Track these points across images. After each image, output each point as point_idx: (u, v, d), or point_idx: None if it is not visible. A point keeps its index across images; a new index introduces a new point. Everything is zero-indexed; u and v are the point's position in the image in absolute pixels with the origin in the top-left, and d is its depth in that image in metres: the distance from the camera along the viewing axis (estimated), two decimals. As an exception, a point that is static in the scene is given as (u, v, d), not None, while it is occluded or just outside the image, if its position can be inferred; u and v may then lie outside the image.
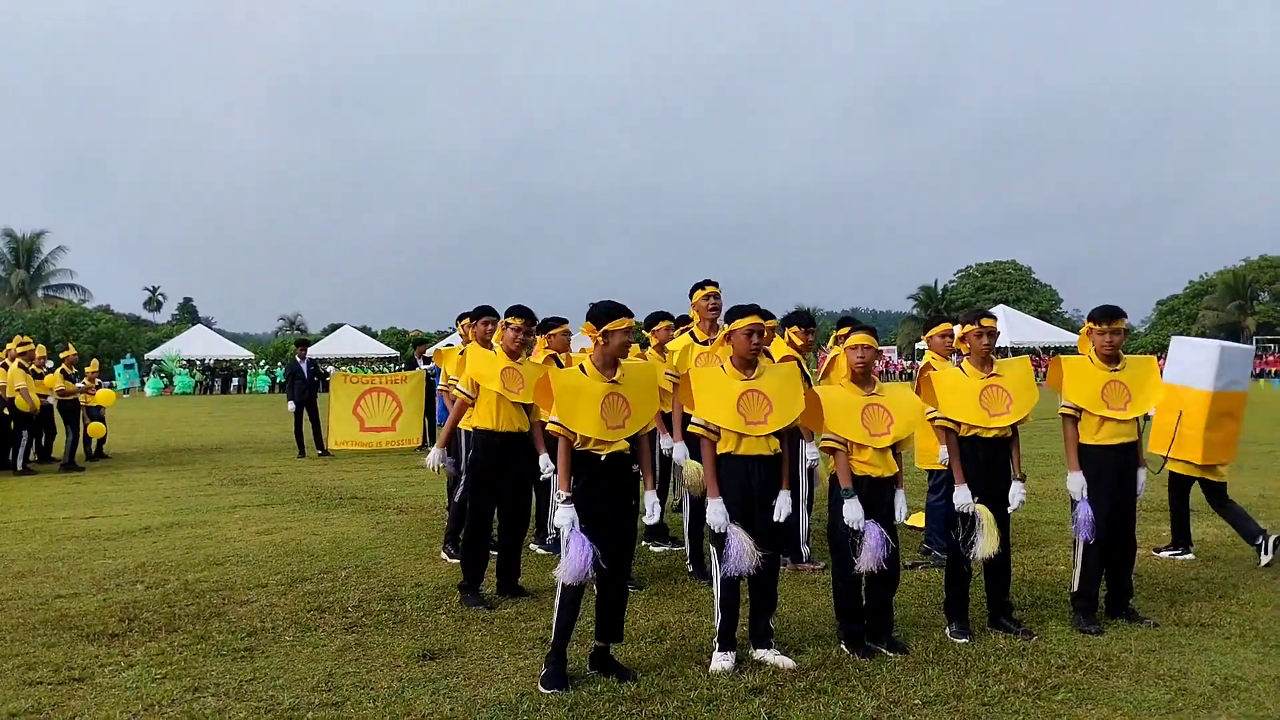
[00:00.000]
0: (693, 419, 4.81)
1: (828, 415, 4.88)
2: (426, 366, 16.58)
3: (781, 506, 4.74)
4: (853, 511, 4.75)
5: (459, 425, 6.36)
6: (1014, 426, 5.22)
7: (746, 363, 4.84)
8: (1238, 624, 5.22)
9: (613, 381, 4.63)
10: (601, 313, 4.64)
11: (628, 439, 4.62)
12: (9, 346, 13.69)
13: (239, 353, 54.78)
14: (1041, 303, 73.02)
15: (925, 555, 6.92)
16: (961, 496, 5.06)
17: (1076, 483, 5.27)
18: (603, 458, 4.58)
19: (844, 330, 7.30)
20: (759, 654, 4.77)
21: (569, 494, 4.47)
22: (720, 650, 4.69)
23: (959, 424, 5.16)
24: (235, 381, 50.79)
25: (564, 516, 4.43)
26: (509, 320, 6.06)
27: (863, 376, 4.99)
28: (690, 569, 6.53)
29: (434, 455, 6.16)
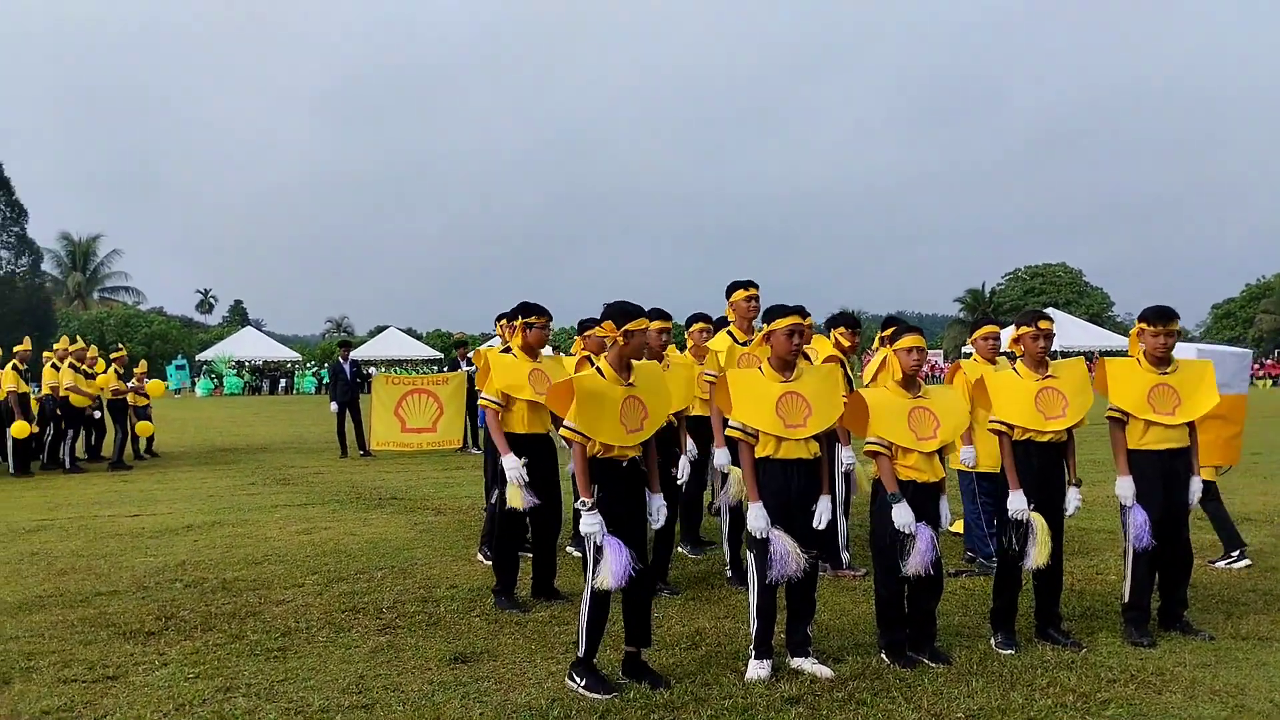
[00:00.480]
0: (730, 422, 4.70)
1: (873, 418, 4.75)
2: (469, 368, 16.64)
3: (822, 512, 4.62)
4: (903, 515, 4.62)
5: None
6: (1069, 431, 5.05)
7: (785, 364, 4.73)
8: (1299, 638, 5.00)
9: (629, 384, 4.56)
10: (621, 311, 4.55)
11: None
12: (56, 347, 13.94)
13: (287, 354, 55.59)
14: (1092, 306, 71.69)
15: (969, 563, 6.74)
16: (1017, 503, 4.90)
17: (1126, 488, 5.09)
18: (624, 464, 4.50)
19: (889, 331, 7.16)
20: (796, 662, 4.65)
21: (593, 501, 4.38)
22: (757, 658, 4.58)
23: (1013, 427, 5.00)
24: (283, 383, 51.52)
25: (591, 524, 4.35)
26: (530, 320, 6.01)
27: (910, 379, 4.87)
28: (729, 575, 6.41)
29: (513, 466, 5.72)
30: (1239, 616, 5.43)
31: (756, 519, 4.53)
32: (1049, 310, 40.23)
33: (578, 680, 4.38)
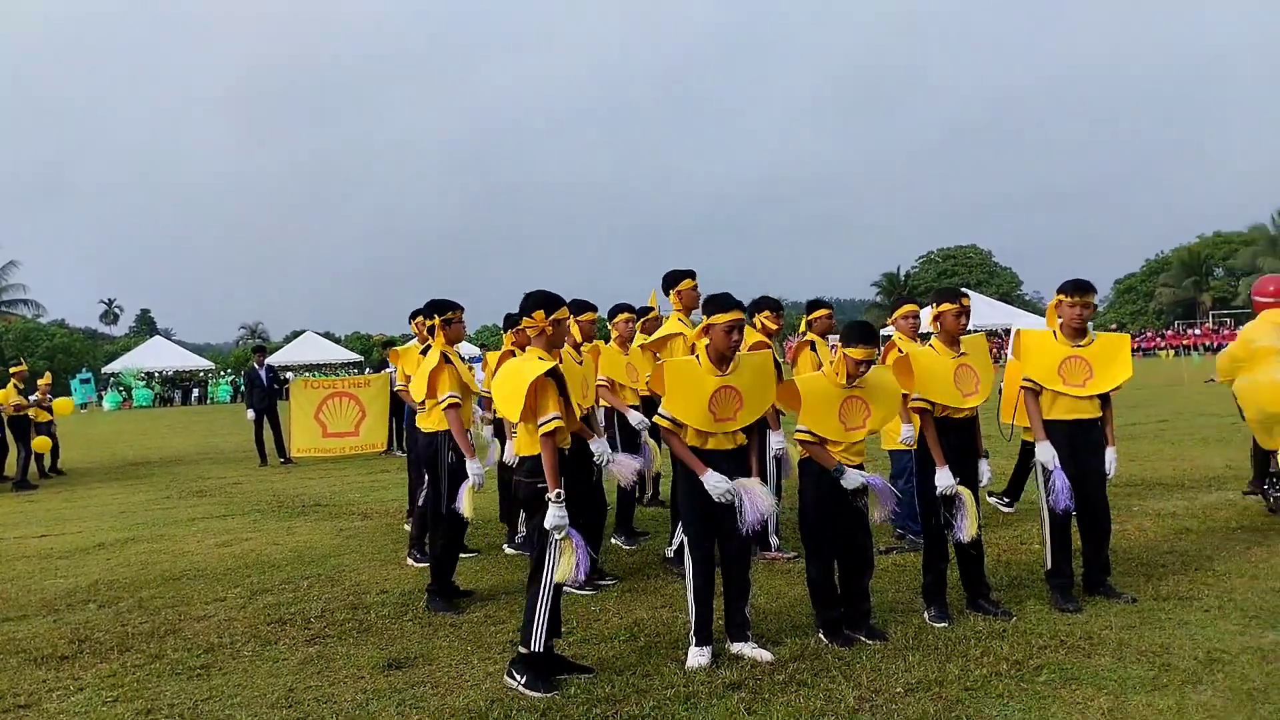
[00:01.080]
0: (660, 410, 4.66)
1: (805, 409, 4.77)
2: (391, 370, 16.32)
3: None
4: (853, 479, 4.68)
5: (421, 426, 6.18)
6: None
7: (723, 358, 4.69)
8: (1215, 596, 5.17)
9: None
10: (549, 300, 4.57)
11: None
12: None
13: (199, 363, 53.90)
14: (1002, 285, 73.74)
15: (899, 540, 6.83)
16: (944, 479, 4.95)
17: (1046, 452, 5.18)
18: (566, 453, 4.47)
19: (818, 314, 7.23)
20: (736, 647, 4.64)
21: (560, 493, 4.28)
22: (697, 645, 4.56)
23: (934, 405, 5.06)
24: (196, 393, 49.97)
25: (561, 517, 4.25)
26: (448, 316, 5.95)
27: (851, 378, 4.84)
28: (670, 556, 6.36)
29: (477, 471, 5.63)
30: (1158, 579, 5.59)
31: (716, 483, 4.49)
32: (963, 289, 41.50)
33: (517, 678, 4.29)
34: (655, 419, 4.70)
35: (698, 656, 4.51)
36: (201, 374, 52.64)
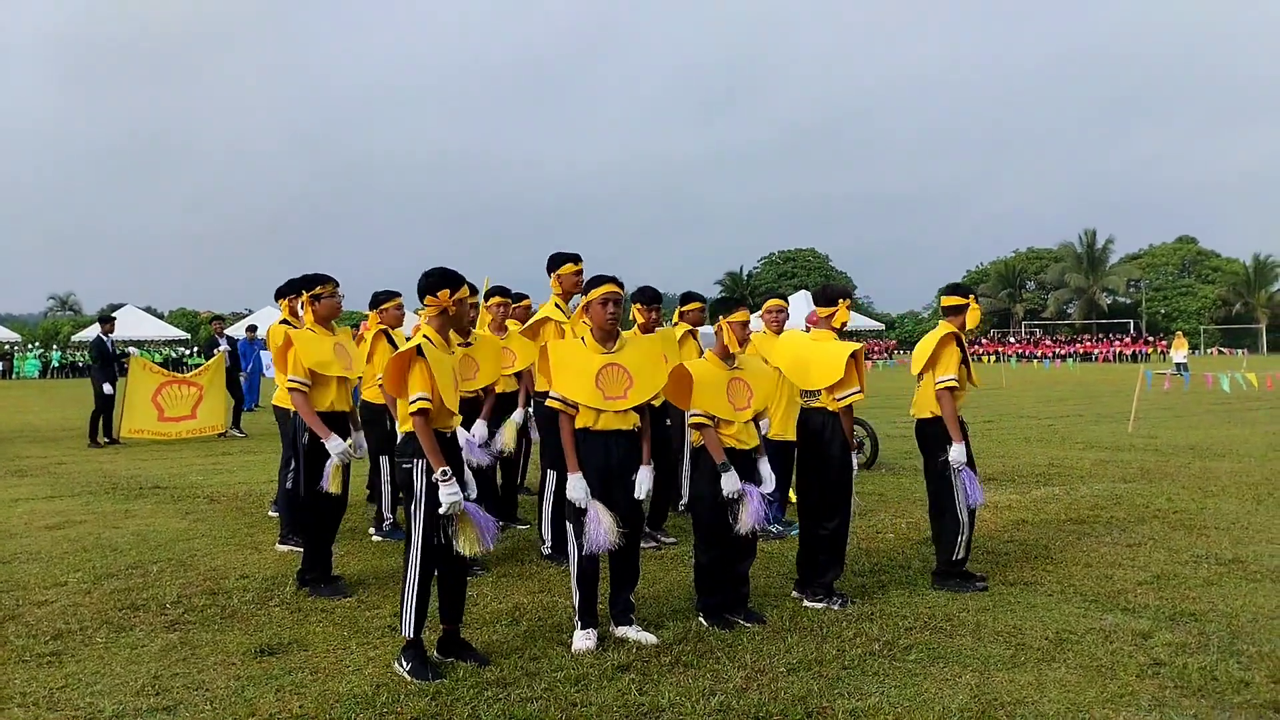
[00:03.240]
0: (550, 393, 4.66)
1: (696, 391, 4.85)
2: (227, 348, 15.58)
3: (642, 482, 4.67)
4: (731, 482, 4.75)
5: (283, 405, 5.95)
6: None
7: (606, 334, 4.74)
8: (1056, 582, 5.60)
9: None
10: (455, 277, 4.47)
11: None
12: None
13: (3, 334, 49.80)
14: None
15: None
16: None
17: (959, 453, 5.40)
18: (449, 436, 4.39)
19: (691, 307, 7.36)
20: (621, 631, 4.70)
21: (447, 470, 4.19)
22: (582, 628, 4.59)
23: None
24: (0, 366, 46.16)
25: (453, 494, 4.17)
26: (317, 292, 5.80)
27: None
28: (546, 549, 6.33)
29: (339, 449, 5.50)
30: (1005, 566, 6.00)
31: (575, 489, 4.54)
32: (799, 293, 42.98)
33: (404, 665, 4.21)
34: (547, 402, 4.68)
35: (584, 639, 4.53)
36: (7, 346, 48.66)
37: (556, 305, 6.36)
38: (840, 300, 5.50)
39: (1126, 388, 24.44)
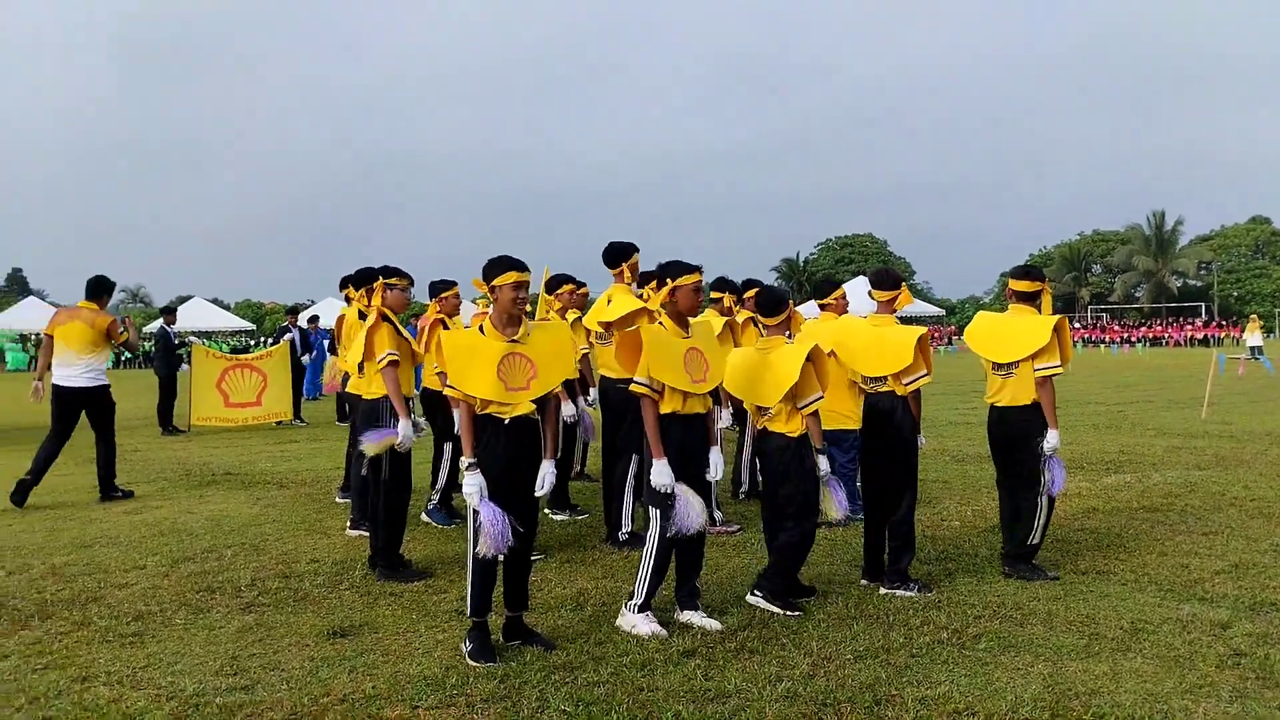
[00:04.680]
0: (636, 378, 4.58)
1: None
2: (292, 336, 15.88)
3: (716, 464, 4.69)
4: (662, 475, 4.48)
5: (360, 392, 6.04)
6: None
7: (683, 321, 4.73)
8: (1130, 570, 5.47)
9: (513, 341, 4.41)
10: (490, 265, 4.44)
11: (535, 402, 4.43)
12: None
13: (78, 326, 51.29)
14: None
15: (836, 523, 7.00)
16: (662, 475, 4.50)
17: (1055, 439, 5.29)
18: (506, 421, 4.38)
19: (753, 293, 7.36)
20: (685, 616, 4.70)
21: (474, 460, 4.26)
22: (642, 611, 4.58)
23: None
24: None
25: (471, 485, 4.22)
26: (390, 281, 5.95)
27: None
28: (624, 535, 6.35)
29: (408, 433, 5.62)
30: (1076, 555, 5.88)
31: (662, 475, 4.49)
32: (856, 278, 42.46)
33: (466, 647, 4.28)
34: (633, 387, 4.59)
35: (650, 624, 4.54)
36: (80, 337, 50.12)
37: (630, 291, 6.36)
38: (902, 283, 5.45)
39: (1198, 373, 23.80)
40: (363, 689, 3.91)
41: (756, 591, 4.97)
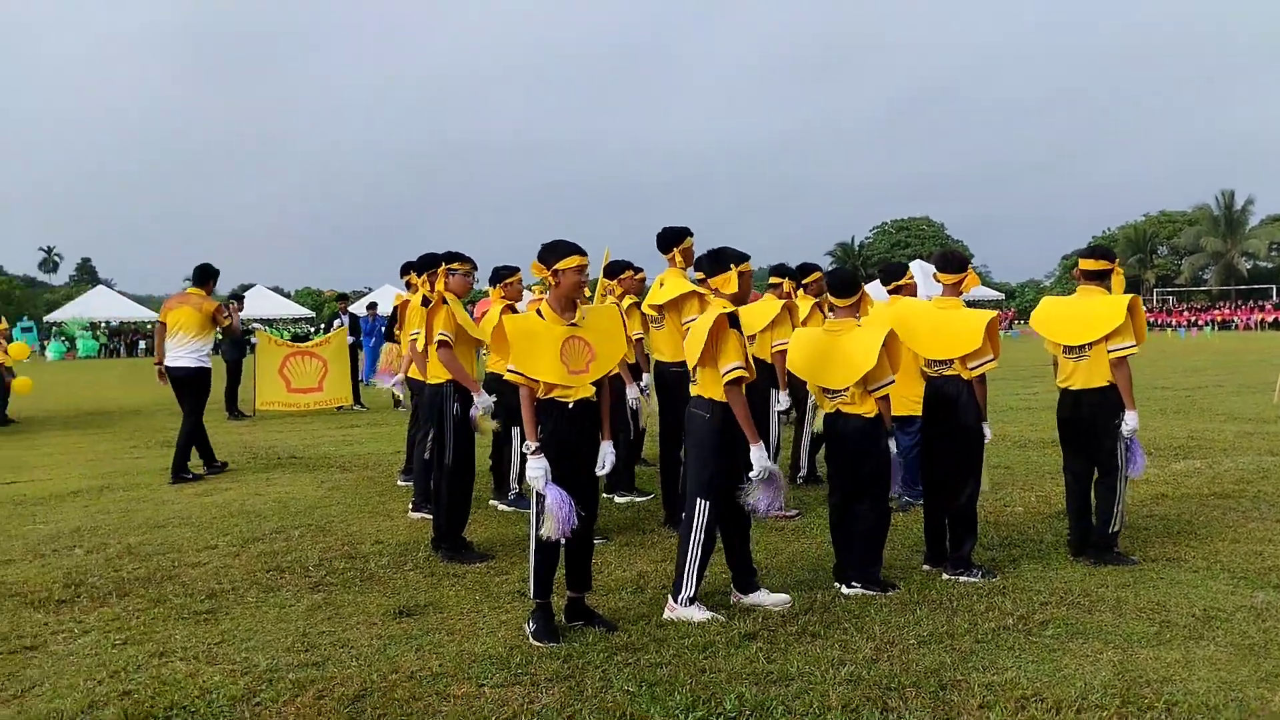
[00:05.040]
0: (735, 364, 4.46)
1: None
2: (342, 322, 16.13)
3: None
4: (536, 469, 4.26)
5: (424, 377, 6.13)
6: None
7: (570, 307, 4.50)
8: (1202, 558, 5.35)
9: (571, 324, 4.44)
10: (549, 250, 4.46)
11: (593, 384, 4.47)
12: None
13: (145, 314, 52.68)
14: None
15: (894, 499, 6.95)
16: (536, 468, 4.28)
17: (1134, 420, 5.24)
18: (570, 405, 4.41)
19: (811, 278, 7.35)
20: (752, 598, 4.72)
21: (538, 444, 4.29)
22: (696, 602, 4.57)
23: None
24: (142, 344, 48.91)
25: (535, 470, 4.25)
26: (453, 266, 6.04)
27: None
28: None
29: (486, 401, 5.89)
30: (1145, 542, 5.76)
31: (764, 458, 4.49)
32: (914, 262, 41.87)
33: (529, 627, 4.33)
34: (735, 374, 4.46)
35: (703, 612, 4.53)
36: (148, 325, 51.45)
37: (684, 276, 6.35)
38: (968, 265, 5.37)
39: (1270, 357, 23.13)
40: (429, 667, 3.97)
41: (854, 584, 4.91)
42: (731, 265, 4.64)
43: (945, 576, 5.10)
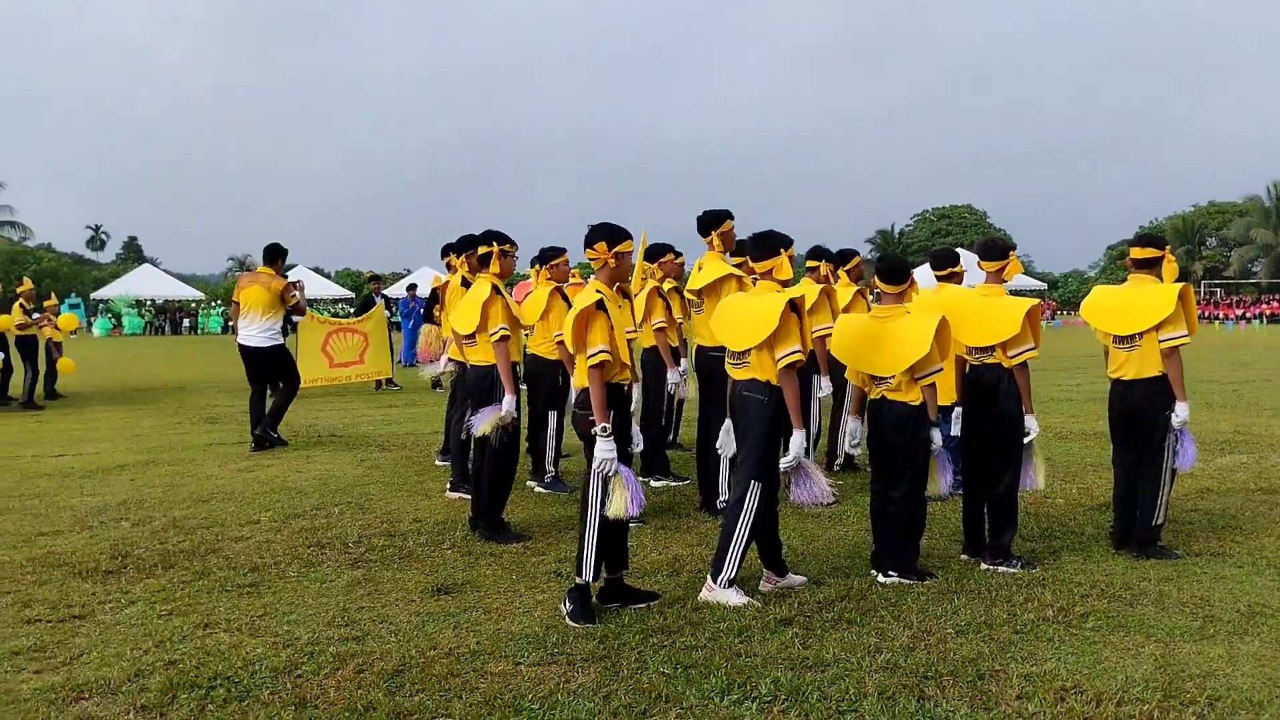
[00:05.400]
0: (796, 348, 4.50)
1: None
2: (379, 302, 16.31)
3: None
4: (608, 450, 4.32)
5: (472, 360, 6.17)
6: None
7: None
8: (1248, 553, 5.26)
9: (620, 308, 4.54)
10: (611, 233, 4.50)
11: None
12: None
13: (189, 293, 53.51)
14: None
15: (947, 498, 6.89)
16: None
17: (1185, 412, 5.17)
18: (625, 388, 4.47)
19: (854, 263, 7.31)
20: (791, 579, 4.74)
21: (609, 426, 4.30)
22: (735, 585, 4.58)
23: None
24: (186, 322, 49.70)
25: (608, 451, 4.27)
26: (504, 248, 5.98)
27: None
28: (723, 503, 6.38)
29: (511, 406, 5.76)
30: (1189, 536, 5.68)
31: (801, 445, 4.54)
32: (956, 250, 41.53)
33: (566, 606, 4.35)
34: (796, 358, 4.50)
35: (743, 595, 4.54)
36: (192, 304, 52.28)
37: (722, 259, 6.33)
38: (1010, 252, 5.30)
39: (1321, 352, 22.64)
40: (467, 644, 4.02)
41: (890, 573, 4.87)
42: (781, 249, 4.64)
43: (984, 566, 5.06)
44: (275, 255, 9.45)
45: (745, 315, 4.66)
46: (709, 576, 4.62)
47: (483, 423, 5.68)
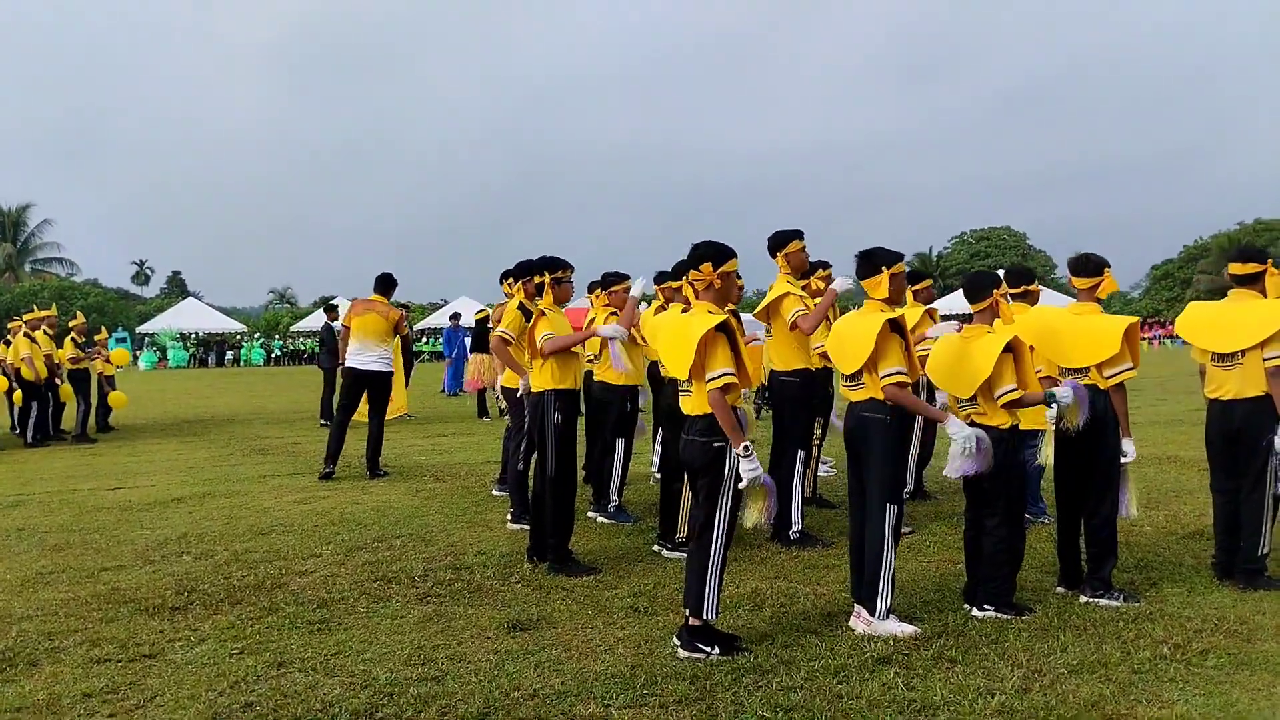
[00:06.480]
0: (899, 368, 4.41)
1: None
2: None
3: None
4: (754, 468, 4.21)
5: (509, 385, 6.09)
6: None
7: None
8: (1366, 584, 4.96)
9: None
10: (718, 252, 4.36)
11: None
12: (28, 317, 13.27)
13: (232, 325, 54.12)
14: (1036, 269, 72.78)
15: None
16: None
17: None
18: (738, 411, 4.36)
19: (922, 285, 7.09)
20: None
21: (748, 443, 4.17)
22: (892, 614, 4.42)
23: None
24: (230, 354, 50.22)
25: (755, 467, 4.13)
26: (559, 275, 5.99)
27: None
28: (795, 534, 6.17)
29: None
30: (1296, 564, 5.37)
31: (962, 428, 4.48)
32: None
33: (705, 649, 4.11)
34: (897, 379, 4.40)
35: (904, 624, 4.40)
36: (235, 336, 52.87)
37: (788, 281, 6.15)
38: (1105, 269, 5.07)
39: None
40: (550, 685, 3.83)
41: (986, 607, 4.62)
42: (883, 268, 4.50)
43: (1083, 599, 4.80)
44: (388, 285, 9.61)
45: (852, 337, 4.54)
46: (859, 610, 4.46)
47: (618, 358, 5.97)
